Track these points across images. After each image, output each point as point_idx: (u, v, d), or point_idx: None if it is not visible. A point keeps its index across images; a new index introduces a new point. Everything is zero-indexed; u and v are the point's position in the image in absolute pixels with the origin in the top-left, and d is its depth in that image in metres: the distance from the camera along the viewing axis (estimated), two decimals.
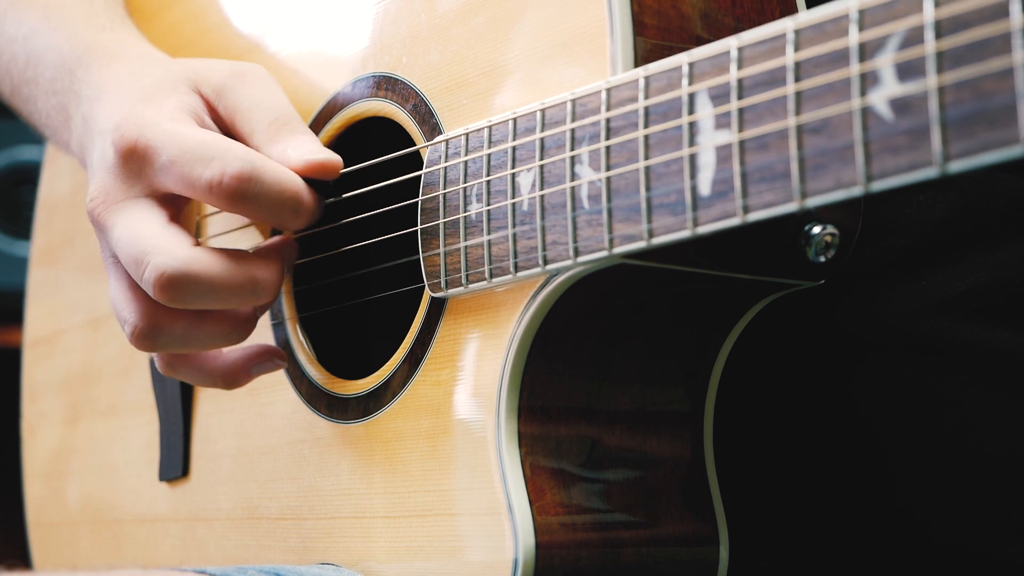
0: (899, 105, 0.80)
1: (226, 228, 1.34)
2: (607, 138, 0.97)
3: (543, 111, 1.02)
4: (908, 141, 0.79)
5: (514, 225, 1.03)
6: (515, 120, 1.04)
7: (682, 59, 0.93)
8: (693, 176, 0.92)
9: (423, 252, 1.12)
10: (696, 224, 0.92)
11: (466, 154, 1.08)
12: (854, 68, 0.82)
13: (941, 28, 0.78)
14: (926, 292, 1.14)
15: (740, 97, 0.89)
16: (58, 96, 1.30)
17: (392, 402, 1.15)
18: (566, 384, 1.06)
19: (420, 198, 1.12)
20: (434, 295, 1.11)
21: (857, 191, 0.83)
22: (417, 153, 1.15)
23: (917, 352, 1.14)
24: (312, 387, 1.24)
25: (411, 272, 1.16)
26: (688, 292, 1.06)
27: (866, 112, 0.82)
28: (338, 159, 1.14)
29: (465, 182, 1.08)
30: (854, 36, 0.82)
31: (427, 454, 1.11)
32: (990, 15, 0.75)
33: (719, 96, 0.90)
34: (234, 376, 1.21)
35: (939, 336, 1.14)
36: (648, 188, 0.94)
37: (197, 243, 1.13)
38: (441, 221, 1.10)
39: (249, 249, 1.16)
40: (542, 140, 1.02)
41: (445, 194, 1.10)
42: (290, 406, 1.26)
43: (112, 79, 1.23)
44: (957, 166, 0.77)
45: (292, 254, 1.21)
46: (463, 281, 1.08)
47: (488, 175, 1.06)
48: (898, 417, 1.14)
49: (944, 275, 1.14)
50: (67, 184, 1.71)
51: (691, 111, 0.92)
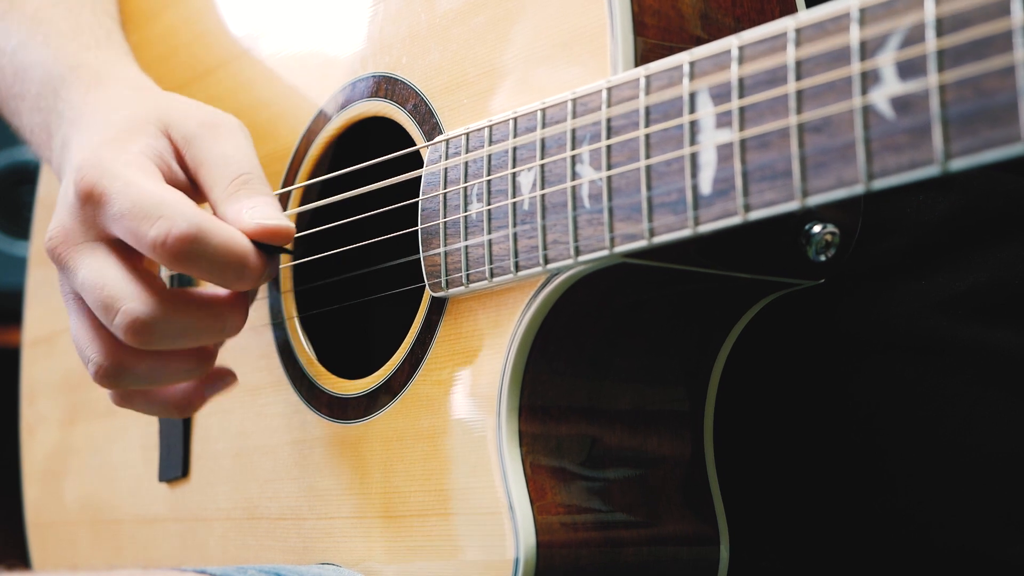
0: (900, 103, 0.80)
1: None
2: (608, 137, 0.97)
3: (544, 110, 1.02)
4: (909, 139, 0.80)
5: (515, 224, 1.03)
6: (516, 120, 1.04)
7: (683, 58, 0.93)
8: (694, 175, 0.92)
9: (423, 252, 1.11)
10: (697, 223, 0.92)
11: (466, 154, 1.08)
12: (855, 66, 0.82)
13: (942, 26, 0.78)
14: (926, 292, 1.14)
15: (741, 96, 0.89)
16: (42, 114, 1.30)
17: (392, 402, 1.15)
18: (567, 383, 1.06)
19: (421, 198, 1.12)
20: (435, 295, 1.11)
21: (858, 189, 0.83)
22: (417, 153, 1.15)
23: (917, 352, 1.14)
24: (312, 387, 1.24)
25: (411, 272, 1.16)
26: (689, 291, 1.06)
27: (867, 110, 0.82)
28: (290, 225, 1.12)
29: (466, 182, 1.08)
30: (855, 34, 0.82)
31: (428, 454, 1.11)
32: (991, 13, 0.75)
33: (720, 95, 0.90)
34: (188, 402, 1.21)
35: (939, 336, 1.14)
36: (649, 187, 0.94)
37: (161, 283, 1.13)
38: (441, 221, 1.10)
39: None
40: (543, 139, 1.02)
41: (446, 194, 1.10)
42: (290, 406, 1.26)
43: (90, 105, 1.23)
44: (958, 164, 0.78)
45: (271, 273, 1.17)
46: (464, 281, 1.08)
47: (489, 175, 1.06)
48: (898, 417, 1.14)
49: (944, 275, 1.14)
50: None
51: (692, 110, 0.92)
